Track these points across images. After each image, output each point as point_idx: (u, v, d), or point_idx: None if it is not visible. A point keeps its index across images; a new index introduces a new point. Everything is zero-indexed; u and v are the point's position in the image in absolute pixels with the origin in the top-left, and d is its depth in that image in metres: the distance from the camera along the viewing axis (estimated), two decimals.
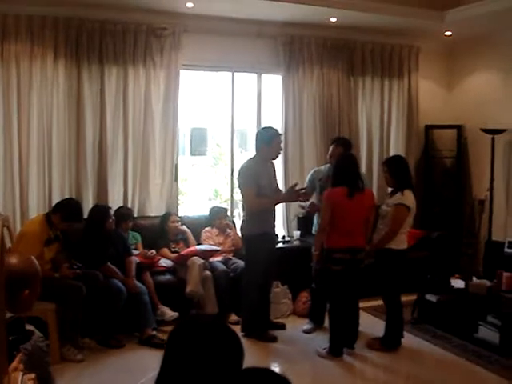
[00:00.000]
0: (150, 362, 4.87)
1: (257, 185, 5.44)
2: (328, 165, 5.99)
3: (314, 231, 6.06)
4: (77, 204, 5.59)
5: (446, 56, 8.43)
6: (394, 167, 5.45)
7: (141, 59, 6.58)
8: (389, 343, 5.44)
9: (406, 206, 5.28)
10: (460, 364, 5.17)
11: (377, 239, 5.36)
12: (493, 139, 7.33)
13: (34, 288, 2.52)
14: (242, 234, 5.87)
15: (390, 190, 5.55)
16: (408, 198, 5.30)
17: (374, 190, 7.25)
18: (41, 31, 6.10)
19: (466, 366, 5.12)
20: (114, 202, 6.46)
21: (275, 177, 5.84)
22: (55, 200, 6.19)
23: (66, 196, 6.26)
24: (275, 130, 5.68)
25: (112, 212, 5.96)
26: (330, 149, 5.96)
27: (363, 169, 7.67)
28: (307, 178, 6.17)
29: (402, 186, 5.33)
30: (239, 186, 5.71)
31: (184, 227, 6.55)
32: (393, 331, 5.46)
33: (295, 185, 5.69)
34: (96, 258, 5.57)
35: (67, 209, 5.37)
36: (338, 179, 5.19)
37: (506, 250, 7.04)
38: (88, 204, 6.34)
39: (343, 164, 5.27)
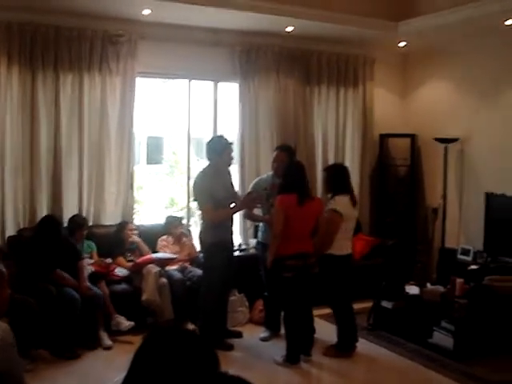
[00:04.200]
0: (106, 372, 4.87)
1: (212, 198, 5.43)
2: (270, 173, 6.02)
3: (260, 238, 6.06)
4: None
5: (401, 66, 8.56)
6: (329, 173, 5.60)
7: (96, 66, 6.50)
8: (343, 349, 5.49)
9: (337, 212, 5.32)
10: (415, 369, 5.24)
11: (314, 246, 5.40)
12: (446, 148, 7.48)
13: (2, 288, 2.58)
14: (200, 242, 5.84)
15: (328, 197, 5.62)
16: (339, 203, 5.35)
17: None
18: None
19: (420, 370, 5.20)
20: (69, 209, 6.37)
21: (231, 182, 5.84)
22: (8, 208, 6.09)
23: (20, 204, 6.15)
24: (225, 139, 5.66)
25: (65, 221, 5.87)
26: (274, 154, 5.99)
27: (318, 177, 7.73)
28: (250, 189, 6.07)
29: (334, 192, 5.41)
30: (195, 199, 5.70)
31: (136, 237, 6.47)
32: (345, 336, 5.50)
33: (250, 193, 5.76)
34: (44, 264, 5.46)
35: None
36: (288, 186, 5.23)
37: (459, 256, 7.17)
38: (42, 211, 6.23)
39: (293, 171, 5.32)
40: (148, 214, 10.51)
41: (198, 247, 6.34)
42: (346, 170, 5.68)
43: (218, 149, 5.56)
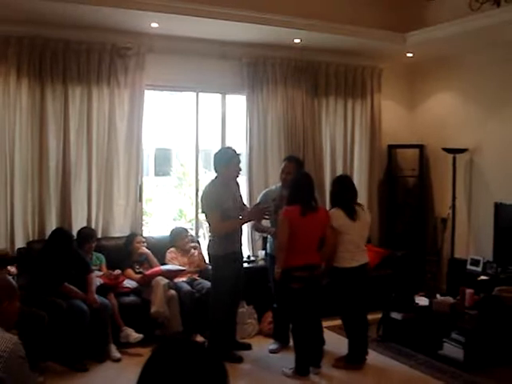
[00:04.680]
0: None
1: (220, 209, 5.43)
2: (279, 184, 6.02)
3: (269, 250, 6.07)
4: None
5: (408, 77, 8.57)
6: (333, 186, 5.63)
7: (105, 79, 6.55)
8: (353, 361, 5.46)
9: (332, 226, 5.32)
10: (425, 381, 5.20)
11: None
12: (454, 158, 7.46)
13: (13, 300, 2.65)
14: (208, 254, 5.83)
15: None
16: (332, 217, 5.35)
17: None
18: (4, 50, 6.04)
19: (431, 382, 5.15)
20: (78, 222, 6.39)
21: (240, 193, 5.84)
22: (17, 220, 6.12)
23: (29, 216, 6.18)
24: (233, 150, 5.66)
25: (74, 233, 5.90)
26: (282, 165, 6.00)
27: (327, 188, 7.72)
28: (259, 200, 6.10)
29: (332, 205, 5.48)
30: (203, 211, 5.69)
31: (145, 249, 6.48)
32: (356, 349, 5.48)
33: (258, 204, 5.77)
34: (53, 278, 5.47)
35: None
36: (294, 198, 5.24)
37: (469, 267, 7.14)
38: (51, 224, 6.25)
39: (299, 183, 5.34)
40: (157, 225, 10.52)
41: (206, 259, 6.33)
42: (343, 182, 5.63)
43: (225, 160, 5.56)
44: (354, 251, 5.41)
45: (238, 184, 5.82)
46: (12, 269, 5.42)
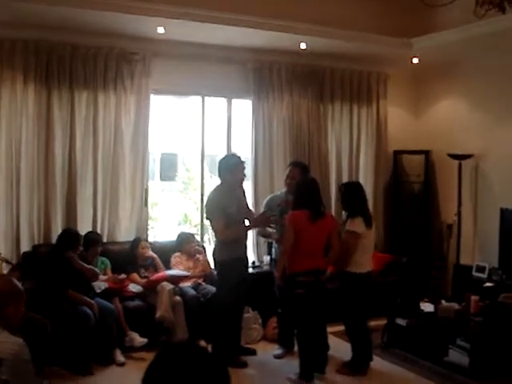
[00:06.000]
0: None
1: (224, 215, 5.42)
2: (284, 189, 6.03)
3: (273, 255, 6.09)
4: None
5: (414, 82, 8.57)
6: (347, 193, 5.59)
7: (111, 84, 6.57)
8: (357, 367, 5.45)
9: (355, 232, 5.36)
10: None
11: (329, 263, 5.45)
12: (460, 164, 7.45)
13: (18, 304, 2.67)
14: (213, 259, 5.82)
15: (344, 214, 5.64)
16: (358, 224, 5.37)
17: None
18: (10, 55, 6.07)
19: None
20: (83, 226, 6.39)
21: (245, 199, 5.85)
22: (23, 224, 6.14)
23: (35, 220, 6.21)
24: (238, 157, 5.67)
25: (81, 238, 5.91)
26: (287, 171, 6.00)
27: (332, 194, 7.74)
28: (264, 206, 6.13)
29: (353, 213, 5.43)
30: (207, 218, 5.70)
31: (151, 252, 6.49)
32: (359, 355, 5.47)
33: (264, 212, 5.80)
34: (57, 285, 5.47)
35: None
36: (301, 202, 5.23)
37: (474, 273, 7.12)
38: (57, 228, 6.27)
39: (306, 188, 5.33)
40: (162, 230, 10.52)
41: (211, 264, 6.33)
42: (363, 190, 5.68)
43: (230, 166, 5.57)
44: (366, 258, 5.47)
45: (243, 189, 5.82)
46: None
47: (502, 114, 7.26)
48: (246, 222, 5.70)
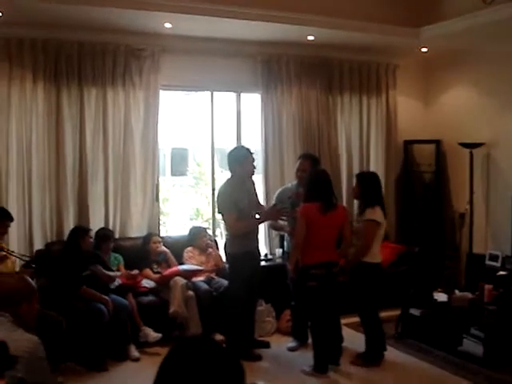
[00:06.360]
0: None
1: (236, 209, 5.43)
2: (295, 182, 6.03)
3: (286, 248, 6.09)
4: None
5: (423, 72, 8.53)
6: (366, 183, 5.54)
7: (120, 80, 6.59)
8: (371, 358, 5.45)
9: (376, 222, 5.36)
10: (445, 377, 5.18)
11: (351, 254, 5.43)
12: (471, 153, 7.41)
13: (31, 302, 2.70)
14: (225, 252, 5.83)
15: (356, 204, 5.62)
16: (378, 213, 5.38)
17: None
18: (19, 53, 6.09)
19: (450, 378, 5.13)
20: (95, 223, 6.43)
21: (255, 192, 5.84)
22: (35, 222, 6.19)
23: (47, 218, 6.25)
24: (247, 149, 5.67)
25: (92, 233, 5.95)
26: (298, 163, 5.99)
27: (343, 185, 7.73)
28: (275, 198, 6.13)
29: (372, 202, 5.40)
30: (219, 211, 5.71)
31: (164, 248, 6.51)
32: (373, 346, 5.48)
33: (275, 205, 5.79)
34: (71, 282, 5.50)
35: None
36: (312, 195, 5.22)
37: (487, 262, 7.09)
38: (69, 225, 6.30)
39: (317, 180, 5.32)
40: (174, 225, 10.56)
41: (223, 257, 6.34)
42: (379, 180, 5.68)
43: (240, 158, 5.57)
44: (379, 248, 5.50)
45: (253, 182, 5.82)
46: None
47: None
48: (257, 216, 5.70)
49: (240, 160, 5.55)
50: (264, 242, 7.30)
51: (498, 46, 7.19)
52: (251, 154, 5.63)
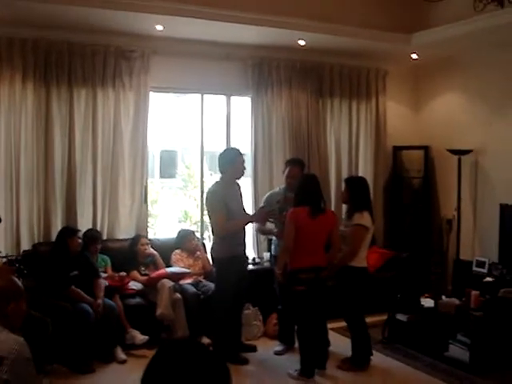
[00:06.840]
0: None
1: (226, 209, 5.42)
2: (283, 186, 6.03)
3: (273, 252, 6.09)
4: None
5: (413, 78, 8.56)
6: (354, 188, 5.56)
7: (110, 81, 6.56)
8: (357, 362, 5.46)
9: (365, 226, 5.37)
10: (431, 383, 5.18)
11: (337, 258, 5.44)
12: (459, 160, 7.44)
13: (19, 302, 2.67)
14: (212, 256, 5.81)
15: (345, 209, 5.63)
16: (366, 218, 5.40)
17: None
18: (8, 53, 6.06)
19: None
20: (83, 224, 6.39)
21: (242, 200, 5.82)
22: (23, 222, 6.15)
23: (35, 218, 6.22)
24: (237, 149, 5.70)
25: (81, 234, 5.92)
26: (287, 170, 5.98)
27: (332, 190, 7.74)
28: (263, 202, 6.12)
29: (360, 207, 5.41)
30: (208, 212, 5.70)
31: (152, 250, 6.49)
32: (360, 350, 5.48)
33: (263, 207, 5.80)
34: (59, 282, 5.48)
35: None
36: (301, 199, 5.23)
37: (474, 268, 7.12)
38: (56, 226, 6.27)
39: (307, 184, 5.33)
40: (162, 227, 10.53)
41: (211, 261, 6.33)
42: (368, 185, 5.71)
43: (231, 159, 5.57)
44: (365, 253, 5.52)
45: (240, 191, 5.79)
46: None
47: (501, 108, 7.24)
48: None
49: (232, 160, 5.55)
50: (252, 246, 7.29)
51: (488, 53, 7.24)
52: (241, 154, 5.65)
